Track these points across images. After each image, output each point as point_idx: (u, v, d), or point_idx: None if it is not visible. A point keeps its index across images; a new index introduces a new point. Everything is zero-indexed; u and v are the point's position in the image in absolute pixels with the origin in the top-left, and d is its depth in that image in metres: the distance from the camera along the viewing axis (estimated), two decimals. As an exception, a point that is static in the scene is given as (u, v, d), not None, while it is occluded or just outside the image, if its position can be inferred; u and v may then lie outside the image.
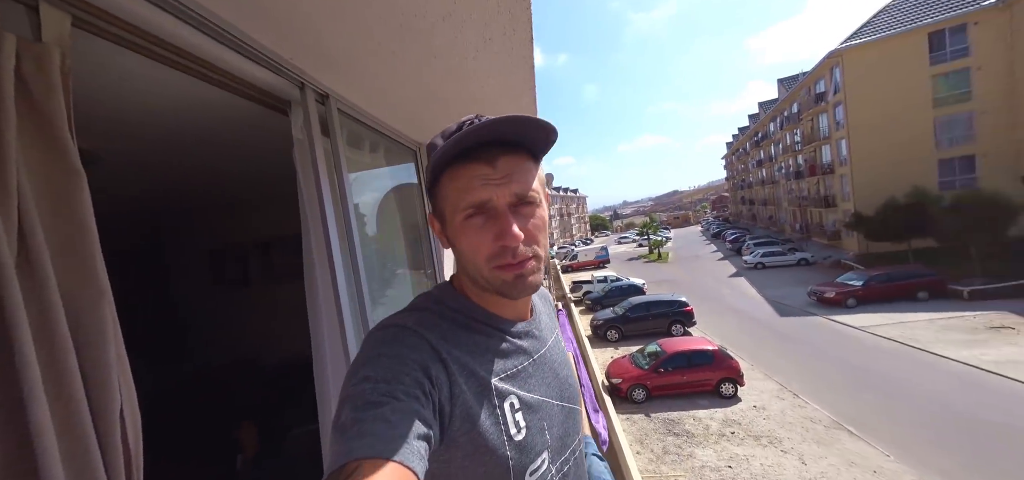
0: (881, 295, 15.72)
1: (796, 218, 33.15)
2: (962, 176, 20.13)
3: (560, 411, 0.62)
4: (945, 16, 20.27)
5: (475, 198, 0.54)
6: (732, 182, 64.58)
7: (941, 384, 9.89)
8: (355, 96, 1.53)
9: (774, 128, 36.65)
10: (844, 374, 11.00)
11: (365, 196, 1.74)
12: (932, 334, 12.56)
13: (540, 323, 0.68)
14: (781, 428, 8.95)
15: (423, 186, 2.50)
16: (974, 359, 10.67)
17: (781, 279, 22.15)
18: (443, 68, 1.42)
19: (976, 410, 8.67)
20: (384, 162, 2.00)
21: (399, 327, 0.54)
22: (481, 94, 1.74)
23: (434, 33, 1.17)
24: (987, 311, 13.51)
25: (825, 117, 25.14)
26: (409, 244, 2.24)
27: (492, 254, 0.54)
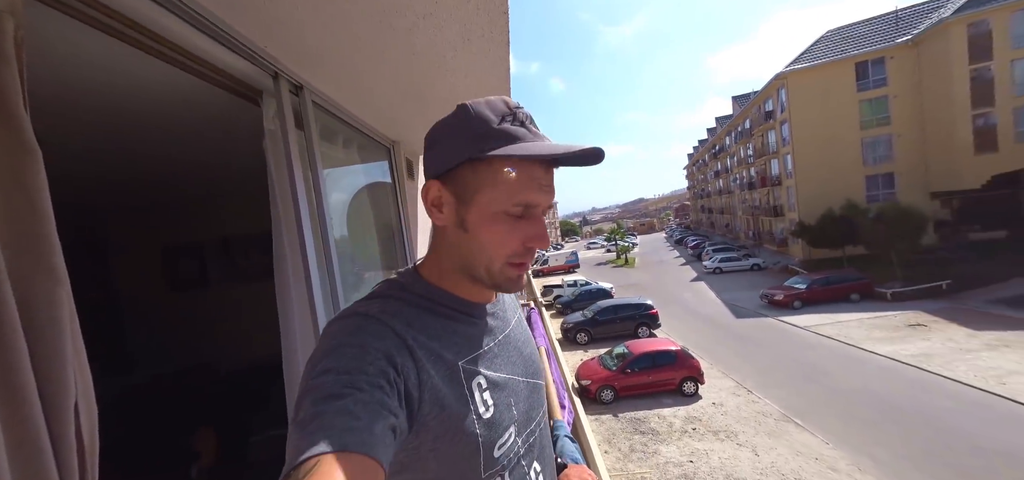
0: (821, 297, 17.29)
1: (749, 226, 35.68)
2: (884, 191, 22.69)
3: (525, 387, 0.64)
4: (867, 49, 22.95)
5: (529, 198, 0.54)
6: (693, 191, 68.46)
7: (870, 376, 11.00)
8: (330, 89, 1.50)
9: (730, 142, 39.40)
10: (791, 370, 11.95)
11: (339, 193, 1.69)
12: (862, 332, 13.97)
13: (504, 304, 0.69)
14: (737, 423, 9.54)
15: (396, 183, 2.46)
16: (895, 353, 11.99)
17: (737, 283, 23.73)
18: (422, 66, 1.43)
19: (898, 399, 9.73)
20: (358, 158, 1.96)
21: (361, 315, 0.52)
22: (457, 92, 1.76)
23: (415, 31, 1.18)
24: (906, 311, 15.25)
25: (773, 133, 27.42)
26: (383, 244, 2.20)
27: (515, 253, 0.55)
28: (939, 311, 14.59)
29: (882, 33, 23.83)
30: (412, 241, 2.47)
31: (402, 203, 2.41)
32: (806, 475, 7.50)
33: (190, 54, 0.97)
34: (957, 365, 10.75)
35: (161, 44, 0.91)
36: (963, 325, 13.11)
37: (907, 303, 15.90)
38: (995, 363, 10.58)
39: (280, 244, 1.22)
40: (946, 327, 13.25)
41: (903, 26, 23.49)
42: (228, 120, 1.63)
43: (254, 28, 1.05)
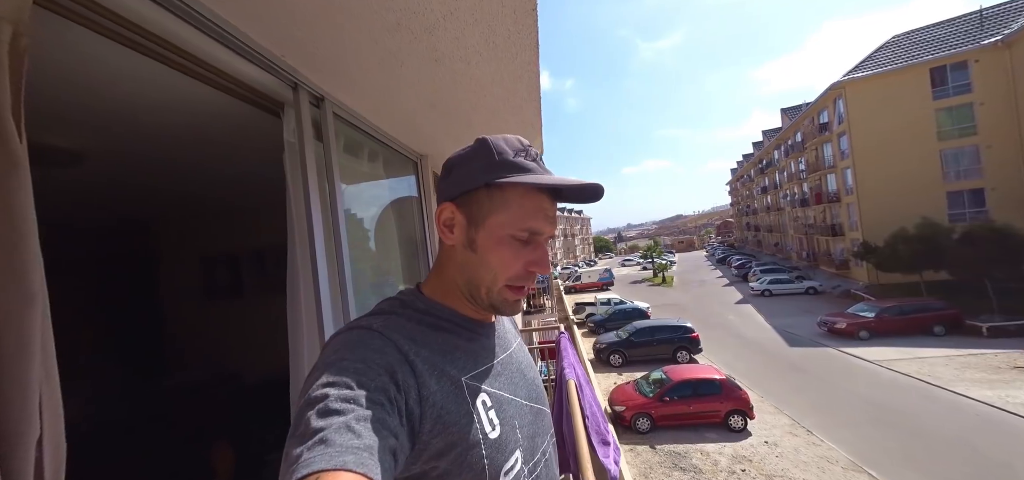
0: (895, 328, 15.21)
1: (802, 246, 32.76)
2: (971, 208, 19.91)
3: (529, 411, 0.63)
4: (945, 53, 20.59)
5: (536, 225, 0.58)
6: (737, 208, 64.49)
7: (966, 426, 9.35)
8: (352, 100, 1.46)
9: (778, 156, 36.78)
10: (860, 410, 10.47)
11: (361, 207, 1.65)
12: (952, 372, 12.02)
13: (504, 327, 0.71)
14: (795, 467, 8.42)
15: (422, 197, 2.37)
16: (999, 400, 10.13)
17: (789, 308, 21.63)
18: (445, 74, 1.36)
19: (1006, 456, 8.13)
20: (383, 172, 1.93)
21: (364, 329, 0.53)
22: (483, 104, 1.68)
23: (436, 31, 1.10)
24: (1009, 350, 12.98)
25: (829, 146, 25.19)
26: (406, 260, 2.13)
27: (517, 276, 0.58)
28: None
29: (963, 35, 21.34)
30: (436, 255, 2.39)
31: (427, 217, 2.34)
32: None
33: (211, 66, 0.95)
34: (1084, 419, 8.88)
35: (183, 57, 0.89)
36: (1087, 370, 10.91)
37: (1011, 340, 13.54)
38: None
39: (293, 259, 1.17)
40: (1064, 371, 11.08)
41: (988, 27, 20.90)
42: (254, 132, 1.62)
43: (272, 38, 1.02)
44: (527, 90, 1.59)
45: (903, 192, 20.64)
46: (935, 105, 20.77)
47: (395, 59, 1.19)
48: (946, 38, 21.77)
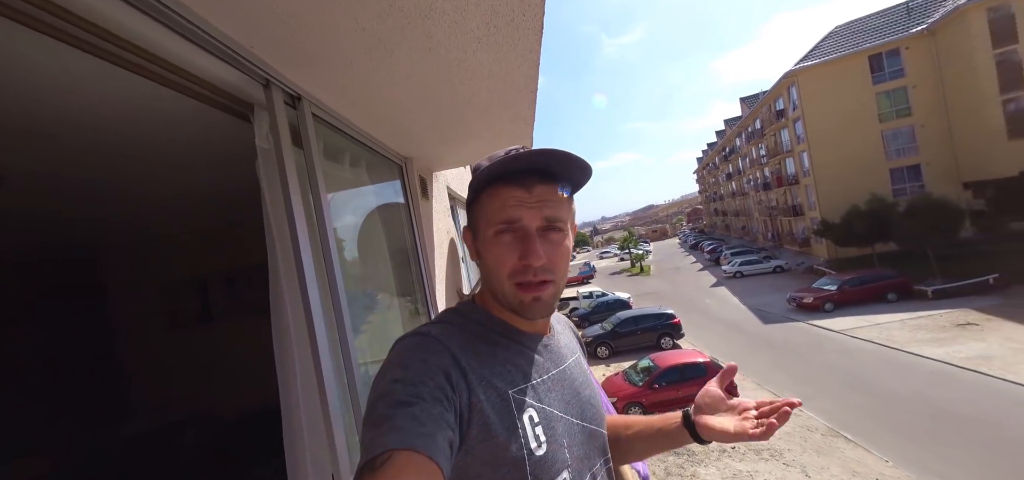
0: (854, 298, 16.36)
1: (767, 227, 34.64)
2: (911, 183, 21.76)
3: (581, 431, 0.62)
4: (880, 41, 22.40)
5: (507, 215, 0.58)
6: (705, 195, 67.39)
7: (921, 382, 10.17)
8: (333, 99, 1.31)
9: (740, 143, 38.73)
10: (832, 378, 11.17)
11: (345, 217, 1.51)
12: (906, 334, 13.07)
13: (558, 341, 0.70)
14: (780, 439, 8.83)
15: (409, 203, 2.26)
16: (946, 356, 11.11)
17: (760, 287, 22.80)
18: (439, 65, 1.23)
19: (958, 406, 8.91)
20: (367, 178, 1.76)
21: (423, 335, 0.57)
22: (477, 98, 1.55)
23: (431, 15, 0.98)
24: (952, 309, 14.26)
25: (786, 132, 26.77)
26: (397, 270, 1.99)
27: (514, 271, 0.58)
28: (990, 308, 13.59)
29: (894, 24, 23.29)
30: (429, 264, 2.27)
31: (417, 224, 2.21)
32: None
33: (165, 63, 0.79)
34: (1020, 368, 9.88)
35: (131, 52, 0.73)
36: (1017, 322, 12.16)
37: (952, 300, 14.88)
38: (1063, 363, 9.70)
39: (276, 278, 1.02)
40: (1002, 325, 12.28)
41: (916, 16, 22.90)
42: (216, 140, 1.42)
43: (238, 28, 0.86)
44: (525, 80, 1.48)
45: (854, 171, 22.25)
46: (875, 89, 22.55)
47: (384, 48, 1.06)
48: (881, 27, 23.67)
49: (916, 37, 21.64)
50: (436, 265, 2.45)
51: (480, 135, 2.07)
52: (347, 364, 1.15)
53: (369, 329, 1.48)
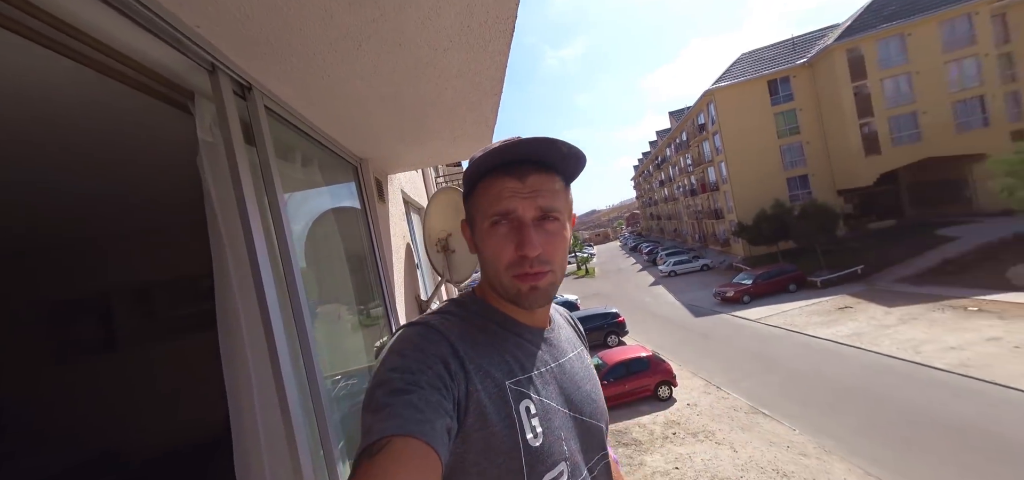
0: (765, 290, 18.89)
1: (695, 230, 38.60)
2: (802, 191, 25.84)
3: (580, 425, 0.63)
4: (775, 69, 26.46)
5: (502, 207, 0.58)
6: (642, 200, 73.01)
7: (816, 358, 12.06)
8: (288, 91, 1.20)
9: (670, 153, 42.77)
10: (752, 362, 12.74)
11: (300, 221, 1.40)
12: (804, 319, 15.41)
13: (559, 335, 0.70)
14: (712, 421, 9.85)
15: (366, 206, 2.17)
16: (832, 335, 13.33)
17: (691, 284, 25.27)
18: (408, 61, 1.18)
19: (843, 377, 10.71)
20: (320, 179, 1.64)
21: (423, 324, 0.57)
22: (442, 98, 1.53)
23: (405, 10, 0.94)
24: (834, 296, 17.15)
25: (707, 144, 30.19)
26: (355, 278, 1.87)
27: (512, 262, 0.58)
28: (859, 293, 16.60)
29: (784, 56, 27.62)
30: (388, 270, 2.17)
31: (375, 229, 2.09)
32: (782, 464, 7.86)
33: (80, 33, 0.67)
34: (882, 340, 12.17)
35: (31, 13, 0.60)
36: (880, 304, 14.99)
37: (834, 289, 17.92)
38: (909, 335, 12.14)
39: (226, 289, 0.91)
40: (867, 307, 15.06)
41: (799, 50, 27.44)
42: (146, 131, 1.24)
43: (182, 3, 0.75)
44: (491, 83, 1.49)
45: (761, 179, 25.81)
46: (773, 110, 26.47)
47: (352, 40, 1.01)
48: (775, 57, 27.93)
49: (800, 68, 25.91)
50: (394, 268, 2.35)
51: (441, 135, 2.04)
52: (311, 379, 1.05)
53: (330, 342, 1.38)
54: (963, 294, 13.76)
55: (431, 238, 2.89)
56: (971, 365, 9.78)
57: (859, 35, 22.91)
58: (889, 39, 22.64)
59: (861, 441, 8.19)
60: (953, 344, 10.95)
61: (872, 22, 23.12)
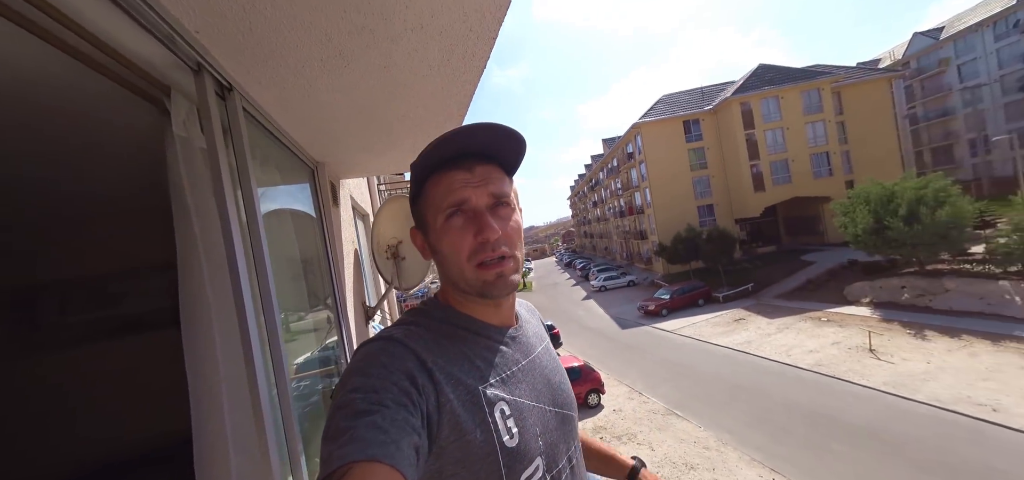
0: (680, 304, 21.35)
1: (623, 248, 42.12)
2: (709, 218, 29.95)
3: (553, 417, 0.63)
4: (688, 112, 30.68)
5: (455, 197, 0.57)
6: (577, 218, 77.52)
7: (718, 364, 13.93)
8: (266, 95, 1.23)
9: (603, 176, 46.44)
10: (668, 369, 14.23)
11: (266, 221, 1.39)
12: (709, 329, 17.72)
13: (526, 330, 0.70)
14: (635, 424, 10.74)
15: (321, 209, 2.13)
16: (730, 342, 15.55)
17: (618, 298, 27.43)
18: (389, 84, 1.30)
19: (737, 378, 12.53)
20: (279, 179, 1.63)
21: (386, 339, 0.55)
22: (412, 114, 1.64)
23: (398, 42, 1.06)
24: (732, 309, 20.04)
25: (635, 171, 33.51)
26: (310, 281, 1.85)
27: (473, 250, 0.57)
28: (750, 307, 19.66)
29: (695, 102, 32.15)
30: (340, 275, 2.16)
31: (328, 232, 2.08)
32: (690, 458, 8.86)
33: (79, 27, 0.68)
34: (764, 346, 14.55)
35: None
36: (763, 316, 17.93)
37: (732, 303, 20.96)
38: (784, 341, 14.71)
39: (196, 286, 0.89)
40: (755, 319, 17.90)
41: (707, 98, 32.21)
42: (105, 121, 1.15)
43: (184, 6, 0.80)
44: (457, 106, 1.64)
45: (677, 206, 29.32)
46: (687, 146, 30.48)
47: (342, 59, 1.08)
48: (688, 102, 32.34)
49: (707, 113, 30.37)
50: (346, 275, 2.32)
51: (401, 146, 2.11)
52: (280, 378, 1.06)
53: (289, 346, 1.38)
54: (817, 308, 17.13)
55: (380, 245, 2.84)
56: (823, 364, 12.19)
57: (748, 92, 27.74)
58: (769, 99, 27.79)
59: (749, 431, 9.63)
60: (811, 348, 13.54)
61: (757, 84, 28.19)
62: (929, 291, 14.61)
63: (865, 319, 14.84)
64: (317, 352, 1.80)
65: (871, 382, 10.62)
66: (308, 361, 1.69)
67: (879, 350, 12.20)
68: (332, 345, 2.00)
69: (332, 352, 1.99)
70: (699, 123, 30.49)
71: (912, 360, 11.36)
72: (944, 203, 14.45)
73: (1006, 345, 11.08)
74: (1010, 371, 9.87)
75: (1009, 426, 8.00)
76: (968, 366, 10.53)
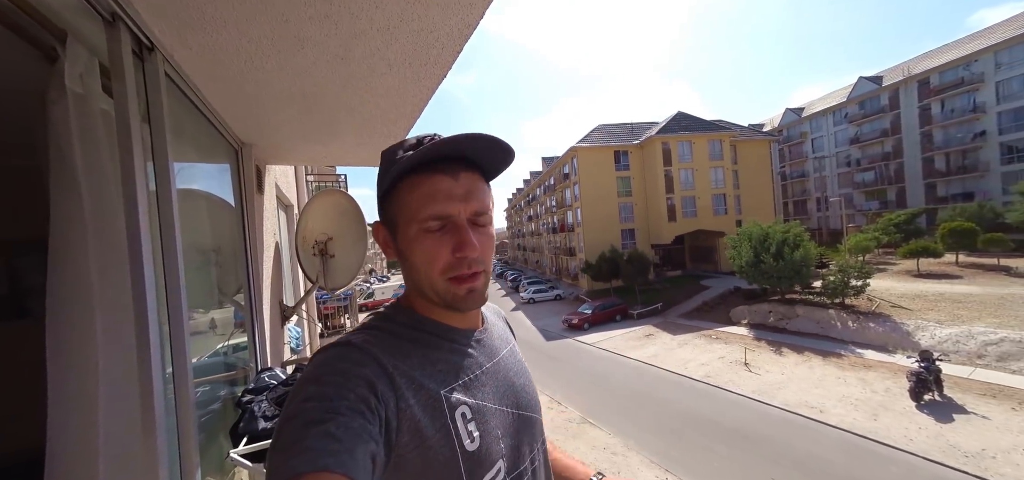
0: (600, 319, 22.98)
1: (553, 263, 44.08)
2: (629, 241, 33.04)
3: (515, 419, 0.62)
4: (619, 143, 33.82)
5: (438, 210, 0.55)
6: (511, 231, 79.16)
7: (629, 376, 15.26)
8: (196, 62, 1.09)
9: (540, 193, 48.36)
10: (586, 380, 15.13)
11: None
12: (623, 343, 19.37)
13: (492, 333, 0.69)
14: (552, 432, 11.15)
15: (242, 195, 1.90)
16: (641, 356, 17.18)
17: (545, 311, 28.52)
18: (342, 75, 1.25)
19: (643, 388, 13.86)
20: (195, 155, 1.45)
21: (344, 345, 0.52)
22: (363, 109, 1.58)
23: (360, 38, 1.03)
24: (643, 326, 22.21)
25: (569, 191, 35.58)
26: (220, 270, 1.65)
27: (448, 266, 0.56)
28: (658, 324, 22.02)
29: (625, 135, 35.59)
30: (258, 268, 1.95)
31: (249, 220, 1.87)
32: (599, 464, 9.48)
33: None
34: (667, 359, 16.39)
35: None
36: (668, 332, 20.22)
37: (644, 320, 23.23)
38: (682, 355, 16.74)
39: (72, 268, 0.75)
40: (660, 335, 20.09)
41: (635, 133, 35.88)
42: None
43: None
44: (412, 107, 1.60)
45: (604, 228, 31.79)
46: (616, 174, 33.41)
47: (296, 44, 1.00)
48: (619, 134, 35.64)
49: (634, 147, 33.80)
50: (265, 268, 2.07)
51: (346, 140, 1.97)
52: (181, 387, 0.93)
53: (195, 339, 1.20)
54: (709, 326, 19.91)
55: (307, 240, 2.57)
56: (711, 376, 14.14)
57: (668, 134, 31.64)
58: (684, 142, 32.00)
59: (650, 436, 10.69)
60: (703, 361, 15.63)
61: (676, 128, 32.32)
62: (786, 315, 18.03)
63: (743, 337, 17.67)
64: (222, 353, 1.62)
65: (744, 390, 12.62)
66: (210, 363, 1.51)
67: (751, 364, 14.59)
68: (240, 346, 1.79)
69: (240, 354, 1.79)
70: (628, 154, 33.69)
71: (772, 372, 13.82)
72: (799, 245, 18.15)
73: (830, 360, 14.16)
74: (831, 381, 12.61)
75: (829, 424, 10.17)
76: (807, 376, 13.18)
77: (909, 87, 34.23)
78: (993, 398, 10.31)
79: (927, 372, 10.29)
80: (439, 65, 1.23)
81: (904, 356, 13.07)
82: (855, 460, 8.74)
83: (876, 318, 15.55)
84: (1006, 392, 10.48)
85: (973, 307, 14.78)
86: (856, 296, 16.73)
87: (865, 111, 37.47)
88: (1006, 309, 14.12)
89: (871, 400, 11.13)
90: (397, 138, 1.99)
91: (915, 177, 34.23)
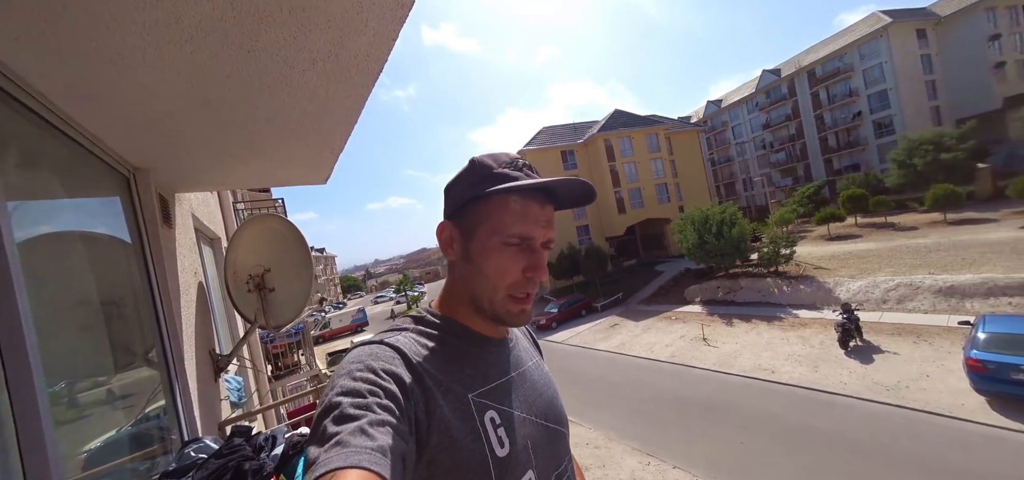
0: (566, 316, 23.43)
1: (514, 267, 44.25)
2: (585, 237, 34.30)
3: (545, 431, 0.63)
4: (565, 143, 35.01)
5: (525, 230, 0.59)
6: (470, 240, 78.24)
7: (601, 367, 15.65)
8: (51, 75, 0.82)
9: (494, 200, 48.36)
10: (559, 378, 15.02)
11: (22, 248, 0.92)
12: (592, 336, 19.88)
13: (518, 343, 0.72)
14: (536, 440, 10.98)
15: (142, 230, 1.54)
16: (608, 346, 17.73)
17: (513, 315, 28.43)
18: (251, 70, 1.02)
19: (615, 377, 14.27)
20: (61, 190, 1.14)
21: (378, 343, 0.55)
22: (284, 117, 1.34)
23: (267, 25, 0.83)
24: (608, 317, 23.01)
25: (523, 195, 36.00)
26: (115, 326, 1.33)
27: (514, 283, 0.59)
28: (621, 313, 22.94)
29: (570, 135, 36.96)
30: (172, 315, 1.64)
31: (153, 260, 1.57)
32: (582, 459, 9.49)
33: None
34: (634, 346, 17.08)
35: None
36: (632, 320, 21.14)
37: (608, 311, 24.09)
38: (648, 340, 17.56)
39: None
40: (625, 323, 20.95)
41: (578, 133, 37.40)
42: None
43: None
44: (346, 114, 1.40)
45: (560, 226, 32.56)
46: (565, 173, 34.55)
47: (179, 29, 0.77)
48: (564, 134, 36.92)
49: (579, 146, 35.19)
50: (181, 307, 1.65)
51: (272, 157, 1.65)
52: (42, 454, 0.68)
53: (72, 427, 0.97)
54: (668, 309, 21.18)
55: (239, 276, 2.13)
56: (676, 355, 14.96)
57: (609, 131, 33.39)
58: (624, 138, 33.96)
59: (628, 424, 10.97)
60: (667, 342, 16.51)
61: (615, 125, 34.21)
62: (732, 288, 19.74)
63: (698, 315, 18.99)
64: (129, 428, 1.32)
65: (706, 364, 13.50)
66: (112, 444, 1.21)
67: (709, 338, 15.68)
68: (156, 413, 1.48)
69: (156, 422, 1.47)
70: (574, 153, 34.97)
71: (728, 343, 14.97)
72: (735, 223, 20.00)
73: (774, 324, 15.69)
74: (777, 343, 13.95)
75: (781, 382, 11.21)
76: (756, 342, 14.46)
77: (801, 77, 39.78)
78: (899, 336, 12.08)
79: (849, 322, 11.77)
80: (373, 55, 1.06)
81: (830, 311, 14.87)
82: (806, 410, 9.68)
83: (804, 280, 17.59)
84: (908, 329, 12.34)
85: (873, 261, 17.31)
86: (786, 263, 18.80)
87: (771, 100, 42.79)
88: (897, 259, 16.74)
89: (811, 354, 12.47)
90: (332, 150, 1.76)
91: (816, 154, 39.74)
